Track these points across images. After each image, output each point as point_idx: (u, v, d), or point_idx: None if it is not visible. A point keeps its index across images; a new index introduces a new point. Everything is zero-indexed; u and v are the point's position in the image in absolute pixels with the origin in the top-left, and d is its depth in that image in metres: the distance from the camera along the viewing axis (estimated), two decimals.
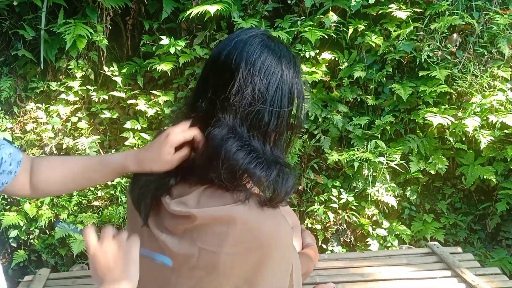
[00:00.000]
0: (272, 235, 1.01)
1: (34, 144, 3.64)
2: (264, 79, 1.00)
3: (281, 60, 1.02)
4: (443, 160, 3.07)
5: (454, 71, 3.04)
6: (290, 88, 1.02)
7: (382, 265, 2.57)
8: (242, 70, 1.00)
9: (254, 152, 0.99)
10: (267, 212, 1.03)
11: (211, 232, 0.99)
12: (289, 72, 1.03)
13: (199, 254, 1.01)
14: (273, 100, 1.01)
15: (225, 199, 1.00)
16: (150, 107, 3.39)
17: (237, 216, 0.98)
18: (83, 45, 3.33)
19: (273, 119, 1.01)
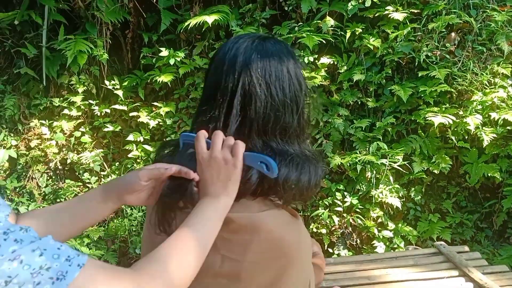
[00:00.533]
0: (294, 245, 1.02)
1: (39, 160, 3.67)
2: (278, 85, 1.01)
3: (282, 57, 1.04)
4: (446, 159, 3.05)
5: (454, 70, 3.03)
6: (298, 80, 1.04)
7: (388, 267, 2.54)
8: (258, 89, 1.00)
9: (295, 161, 1.00)
10: (290, 221, 1.05)
11: (235, 240, 1.00)
12: (292, 66, 1.05)
13: (222, 261, 1.01)
14: (292, 100, 1.02)
15: (251, 207, 1.01)
16: (152, 118, 3.41)
17: (261, 225, 0.99)
18: (84, 60, 3.37)
19: (295, 116, 1.03)
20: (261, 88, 1.00)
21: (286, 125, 1.01)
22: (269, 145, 1.00)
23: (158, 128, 3.51)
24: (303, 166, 1.00)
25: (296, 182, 0.98)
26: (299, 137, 1.05)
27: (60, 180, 3.71)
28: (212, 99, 1.05)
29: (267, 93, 1.00)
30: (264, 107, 1.00)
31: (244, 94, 1.01)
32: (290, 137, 1.02)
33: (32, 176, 3.68)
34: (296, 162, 0.99)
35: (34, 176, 3.68)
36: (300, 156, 1.02)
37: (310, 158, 1.03)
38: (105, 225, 3.51)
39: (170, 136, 3.43)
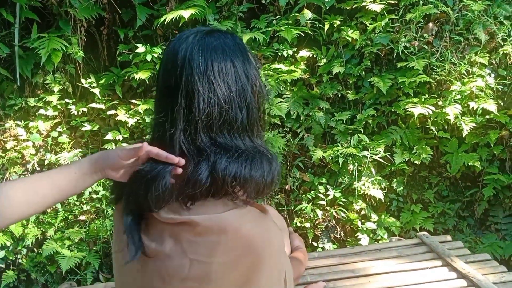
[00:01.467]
0: (264, 241, 1.01)
1: (15, 162, 3.58)
2: (223, 83, 1.00)
3: (226, 51, 1.02)
4: (427, 150, 3.06)
5: (432, 60, 3.03)
6: (247, 74, 1.03)
7: (372, 259, 2.55)
8: (199, 86, 0.99)
9: (244, 156, 0.99)
10: (257, 217, 1.04)
11: (202, 242, 0.98)
12: (239, 61, 1.03)
13: (191, 265, 0.99)
14: (239, 97, 1.01)
15: (216, 207, 1.00)
16: (130, 116, 3.35)
17: (227, 225, 0.98)
18: (58, 58, 3.28)
19: (245, 113, 1.01)
20: (203, 84, 0.98)
21: (232, 120, 1.00)
22: (216, 141, 0.99)
23: (137, 126, 3.44)
24: (253, 161, 0.98)
25: (247, 177, 0.97)
26: (250, 132, 1.04)
27: None
28: (161, 100, 1.05)
29: (210, 89, 0.98)
30: (208, 103, 0.98)
31: (187, 92, 0.99)
32: (238, 132, 1.01)
33: (9, 178, 3.59)
34: (245, 157, 0.98)
35: (11, 178, 3.59)
36: (251, 151, 1.00)
37: (264, 154, 1.01)
38: (86, 227, 3.44)
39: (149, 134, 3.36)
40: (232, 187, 0.98)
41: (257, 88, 1.06)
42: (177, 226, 1.01)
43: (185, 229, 1.00)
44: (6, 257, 3.37)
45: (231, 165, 0.96)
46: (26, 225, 3.38)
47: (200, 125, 0.98)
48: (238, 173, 0.96)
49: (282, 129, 3.25)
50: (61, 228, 3.43)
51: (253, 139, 1.04)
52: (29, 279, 3.45)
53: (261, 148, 1.03)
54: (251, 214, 1.04)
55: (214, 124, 0.99)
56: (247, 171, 0.97)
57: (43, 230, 3.40)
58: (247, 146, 1.01)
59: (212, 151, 0.98)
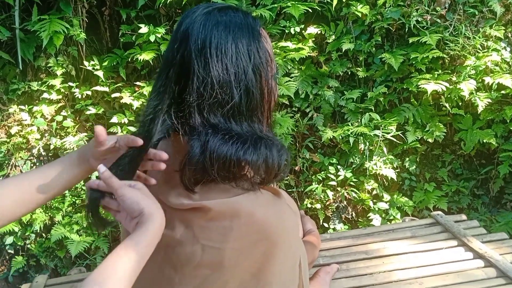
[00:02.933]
0: (278, 226, 0.98)
1: (21, 147, 3.55)
2: (220, 62, 0.94)
3: (232, 28, 0.96)
4: (440, 127, 2.99)
5: (445, 35, 2.93)
6: (250, 57, 0.96)
7: (386, 240, 2.51)
8: (195, 63, 0.94)
9: (238, 139, 0.93)
10: (271, 201, 1.00)
11: (215, 227, 0.95)
12: (243, 41, 0.96)
13: (203, 251, 0.97)
14: (237, 79, 0.95)
15: (228, 192, 0.96)
16: (135, 99, 3.30)
17: (241, 209, 0.94)
18: (60, 41, 3.22)
19: (243, 96, 0.95)
20: (199, 62, 0.94)
21: (226, 103, 0.94)
22: (209, 122, 0.94)
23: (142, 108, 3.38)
24: (246, 145, 0.93)
25: (240, 160, 0.92)
26: (249, 118, 0.98)
27: None
28: (158, 75, 1.01)
29: (205, 68, 0.93)
30: (201, 82, 0.93)
31: (182, 69, 0.95)
32: (234, 116, 0.95)
33: (15, 164, 3.57)
34: (239, 140, 0.93)
35: (17, 164, 3.56)
36: (246, 135, 0.95)
37: (262, 139, 0.95)
38: None
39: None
40: (232, 171, 0.94)
41: (263, 73, 0.99)
42: (188, 212, 0.98)
43: (196, 214, 0.97)
44: (15, 242, 3.37)
45: (223, 146, 0.92)
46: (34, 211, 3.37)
47: (193, 104, 0.94)
48: (229, 155, 0.92)
49: (291, 109, 3.18)
50: (68, 213, 3.41)
51: (252, 125, 0.98)
52: (38, 264, 3.45)
53: (261, 134, 0.97)
54: (264, 198, 1.00)
55: (206, 105, 0.94)
56: (240, 154, 0.92)
57: (50, 215, 3.39)
58: (243, 130, 0.96)
59: (203, 130, 0.93)
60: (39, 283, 2.40)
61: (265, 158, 0.94)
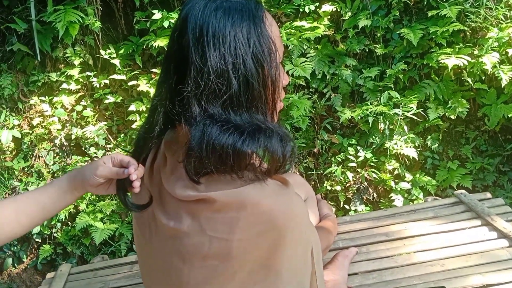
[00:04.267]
0: (286, 215, 0.96)
1: (43, 138, 3.62)
2: (217, 51, 0.91)
3: (230, 16, 0.93)
4: (463, 103, 2.89)
5: (466, 6, 2.82)
6: (249, 45, 0.93)
7: (407, 221, 2.46)
8: (192, 53, 0.92)
9: (235, 129, 0.91)
10: (278, 190, 0.98)
11: (221, 218, 0.94)
12: (243, 28, 0.93)
13: (210, 242, 0.96)
14: (235, 69, 0.92)
15: (233, 183, 0.95)
16: (151, 86, 3.30)
17: (247, 200, 0.93)
18: (76, 31, 3.25)
19: (242, 86, 0.93)
20: (196, 52, 0.91)
21: (223, 94, 0.92)
22: (208, 113, 0.92)
23: None
24: (244, 135, 0.91)
25: (238, 150, 0.90)
26: (249, 109, 0.94)
27: (67, 156, 3.66)
28: (162, 66, 1.01)
29: (202, 58, 0.91)
30: (198, 72, 0.91)
31: (181, 59, 0.94)
32: (232, 106, 0.93)
33: (39, 154, 3.64)
34: (236, 130, 0.91)
35: (41, 155, 3.64)
36: (245, 126, 0.92)
37: (262, 129, 0.92)
38: (116, 199, 3.47)
39: None
40: (229, 163, 0.92)
41: (265, 62, 0.95)
42: (194, 203, 0.97)
43: (202, 206, 0.96)
44: (42, 231, 3.45)
45: (219, 137, 0.90)
46: None
47: (191, 94, 0.93)
48: (225, 147, 0.90)
49: (308, 90, 3.13)
50: (92, 201, 3.47)
51: (254, 116, 0.95)
52: (65, 252, 3.53)
53: (262, 125, 0.94)
54: (271, 188, 0.97)
55: (204, 95, 0.92)
56: (237, 145, 0.90)
57: (75, 204, 3.45)
58: (243, 120, 0.93)
59: (202, 121, 0.92)
60: (63, 271, 2.46)
61: (265, 149, 0.92)
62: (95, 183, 1.03)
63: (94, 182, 1.02)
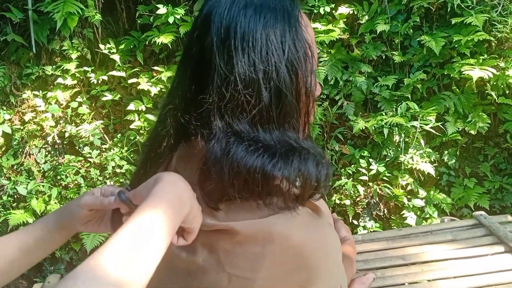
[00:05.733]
0: (318, 252, 0.83)
1: (35, 134, 3.45)
2: (246, 57, 0.76)
3: (262, 16, 0.79)
4: (483, 118, 2.75)
5: (493, 15, 2.67)
6: (284, 51, 0.79)
7: (424, 244, 2.32)
8: (216, 57, 0.77)
9: (266, 150, 0.77)
10: (311, 222, 0.85)
11: (243, 253, 0.81)
12: (276, 30, 0.79)
13: (229, 281, 0.83)
14: (267, 78, 0.78)
15: (259, 210, 0.81)
16: (153, 85, 3.14)
17: (274, 232, 0.80)
18: (74, 22, 3.09)
19: (274, 99, 0.79)
20: (220, 56, 0.77)
21: (251, 107, 0.78)
22: (233, 129, 0.78)
23: (161, 95, 3.23)
24: (275, 157, 0.77)
25: (267, 174, 0.76)
26: (281, 125, 0.81)
27: (60, 155, 3.49)
28: (178, 68, 0.87)
29: (228, 63, 0.77)
30: (222, 81, 0.77)
31: (201, 63, 0.80)
32: (262, 123, 0.79)
33: (29, 152, 3.46)
34: (267, 150, 0.77)
35: (32, 152, 3.46)
36: (277, 146, 0.78)
37: (296, 150, 0.79)
38: None
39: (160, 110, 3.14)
40: (256, 190, 0.78)
41: (300, 70, 0.81)
42: (212, 234, 0.83)
43: (222, 237, 0.83)
44: None
45: (248, 157, 0.76)
46: (48, 202, 3.27)
47: (211, 106, 0.79)
48: (253, 170, 0.76)
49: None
50: None
51: (285, 133, 0.81)
52: (53, 257, 3.36)
53: (295, 144, 0.80)
54: (302, 218, 0.83)
55: (228, 108, 0.78)
56: (267, 169, 0.76)
57: None
58: (273, 139, 0.80)
59: (224, 137, 0.78)
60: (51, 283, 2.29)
61: (299, 173, 0.78)
62: (81, 216, 0.85)
63: (81, 216, 0.85)
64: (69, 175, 3.31)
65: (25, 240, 0.85)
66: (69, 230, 0.88)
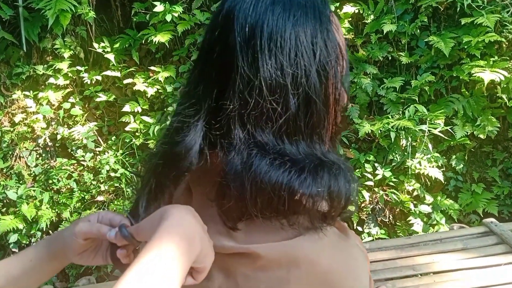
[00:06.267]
0: (348, 278, 0.77)
1: (25, 136, 3.34)
2: (273, 59, 0.69)
3: (292, 13, 0.71)
4: (493, 121, 2.69)
5: (504, 15, 2.60)
6: (315, 53, 0.71)
7: (434, 253, 2.26)
8: (239, 59, 0.69)
9: (293, 165, 0.69)
10: (339, 244, 0.78)
11: (265, 278, 0.74)
12: (307, 30, 0.71)
13: None
14: (295, 83, 0.70)
15: (282, 232, 0.74)
16: (149, 85, 3.05)
17: (300, 255, 0.73)
18: (67, 20, 2.99)
19: (302, 107, 0.71)
20: (244, 58, 0.69)
21: (277, 116, 0.70)
22: (256, 140, 0.70)
23: (158, 96, 3.15)
24: (303, 173, 0.69)
25: (294, 191, 0.68)
26: (308, 135, 0.73)
27: (51, 158, 3.38)
28: (193, 70, 0.79)
29: (252, 66, 0.69)
30: (246, 85, 0.69)
31: (221, 64, 0.72)
32: (289, 134, 0.72)
33: (20, 154, 3.35)
34: (294, 165, 0.69)
35: (22, 155, 3.35)
36: (305, 160, 0.71)
37: (325, 164, 0.71)
38: (105, 208, 3.20)
39: (171, 105, 3.05)
40: (281, 210, 0.71)
41: (331, 74, 0.73)
42: (230, 257, 0.76)
43: (241, 261, 0.75)
44: (19, 240, 3.18)
45: (272, 172, 0.69)
46: (39, 207, 3.16)
47: (233, 113, 0.71)
48: (278, 187, 0.68)
49: None
50: (77, 209, 3.22)
51: (312, 146, 0.74)
52: None
53: (324, 157, 0.73)
54: (329, 240, 0.76)
55: (251, 116, 0.70)
56: (294, 185, 0.68)
57: (58, 211, 3.19)
58: (300, 152, 0.72)
59: (245, 148, 0.71)
60: None
61: (329, 191, 0.70)
62: (75, 246, 0.77)
63: (75, 246, 0.77)
64: (61, 179, 3.20)
65: (12, 271, 0.77)
66: (60, 261, 0.80)
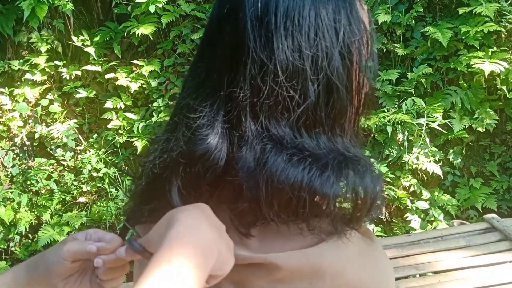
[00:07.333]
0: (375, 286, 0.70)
1: (1, 135, 3.24)
2: (290, 39, 0.61)
3: None
4: (491, 114, 2.65)
5: (503, 4, 2.56)
6: (337, 33, 0.63)
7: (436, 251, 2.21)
8: (251, 39, 0.61)
9: (313, 162, 0.62)
10: (365, 252, 0.70)
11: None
12: (328, 6, 0.63)
13: None
14: (316, 67, 0.62)
15: (301, 238, 0.67)
16: (132, 80, 2.96)
17: (324, 265, 0.66)
18: (44, 12, 2.92)
19: (323, 94, 0.64)
20: (256, 38, 0.62)
21: (295, 105, 0.63)
22: (270, 133, 0.63)
23: (141, 91, 3.06)
24: (326, 171, 0.61)
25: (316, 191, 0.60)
26: (330, 128, 0.66)
27: (29, 158, 3.27)
28: (197, 58, 0.71)
29: (265, 47, 0.62)
30: (258, 69, 0.62)
31: (232, 47, 0.64)
32: (308, 126, 0.64)
33: None
34: (314, 162, 0.61)
35: None
36: (327, 155, 0.63)
37: (350, 161, 0.64)
38: (87, 210, 3.09)
39: (156, 100, 2.95)
40: (300, 213, 0.63)
41: (355, 57, 0.65)
42: (244, 268, 0.68)
43: (256, 273, 0.67)
44: None
45: (290, 170, 0.61)
46: (17, 209, 3.05)
47: (244, 102, 0.63)
48: (299, 183, 0.61)
49: None
50: (58, 211, 3.12)
51: (334, 139, 0.66)
52: None
53: (347, 153, 0.65)
54: (354, 247, 0.68)
55: (265, 105, 0.63)
56: (315, 184, 0.60)
57: (37, 214, 3.09)
58: (321, 147, 0.65)
59: (258, 142, 0.63)
60: None
61: (354, 190, 0.63)
62: (61, 270, 0.68)
63: (61, 269, 0.67)
64: (41, 180, 3.10)
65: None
66: (42, 286, 0.70)
